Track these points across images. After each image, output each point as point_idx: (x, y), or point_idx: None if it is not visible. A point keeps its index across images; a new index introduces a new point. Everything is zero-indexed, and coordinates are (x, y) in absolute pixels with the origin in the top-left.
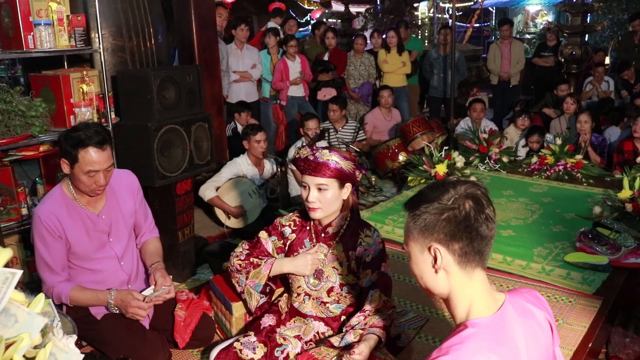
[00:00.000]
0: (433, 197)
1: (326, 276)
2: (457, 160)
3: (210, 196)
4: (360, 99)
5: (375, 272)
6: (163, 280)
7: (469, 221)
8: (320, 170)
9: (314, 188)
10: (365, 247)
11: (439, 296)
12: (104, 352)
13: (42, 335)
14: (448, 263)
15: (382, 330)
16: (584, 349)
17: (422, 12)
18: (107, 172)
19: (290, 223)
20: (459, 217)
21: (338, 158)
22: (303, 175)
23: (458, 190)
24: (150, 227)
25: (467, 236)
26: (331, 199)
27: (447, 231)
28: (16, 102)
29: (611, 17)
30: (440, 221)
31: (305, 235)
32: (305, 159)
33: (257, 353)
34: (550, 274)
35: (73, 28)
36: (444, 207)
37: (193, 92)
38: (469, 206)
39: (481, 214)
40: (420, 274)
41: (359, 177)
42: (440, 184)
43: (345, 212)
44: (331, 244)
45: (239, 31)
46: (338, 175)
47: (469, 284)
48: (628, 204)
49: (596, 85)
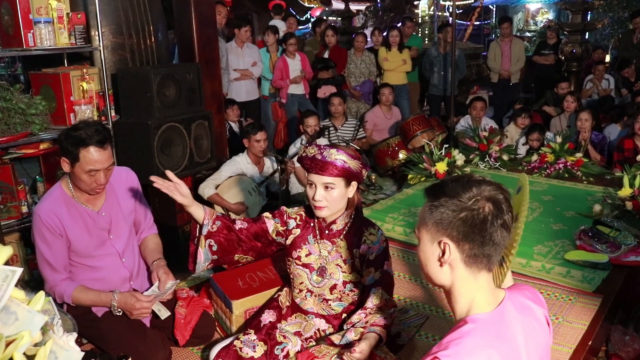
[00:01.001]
0: (455, 192)
1: (329, 273)
2: (457, 159)
3: (209, 194)
4: (361, 96)
5: (379, 270)
6: (167, 276)
7: (484, 225)
8: (328, 169)
9: (321, 187)
10: (369, 245)
11: (440, 287)
12: (104, 350)
13: (42, 333)
14: (455, 260)
15: (383, 329)
16: (584, 347)
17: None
18: (108, 171)
19: (296, 217)
20: (475, 219)
21: (345, 157)
22: (309, 173)
23: (481, 190)
24: (149, 224)
25: (479, 239)
26: (337, 197)
27: (460, 230)
28: (16, 100)
29: (611, 15)
30: (457, 219)
31: (309, 232)
32: (313, 158)
33: (257, 351)
34: (550, 272)
35: (73, 26)
36: (463, 205)
37: (193, 90)
38: (488, 209)
39: (498, 219)
40: (425, 262)
41: (365, 175)
42: (465, 180)
43: (350, 209)
44: (335, 241)
45: (242, 32)
46: (345, 174)
47: (472, 282)
48: (628, 202)
49: (596, 83)
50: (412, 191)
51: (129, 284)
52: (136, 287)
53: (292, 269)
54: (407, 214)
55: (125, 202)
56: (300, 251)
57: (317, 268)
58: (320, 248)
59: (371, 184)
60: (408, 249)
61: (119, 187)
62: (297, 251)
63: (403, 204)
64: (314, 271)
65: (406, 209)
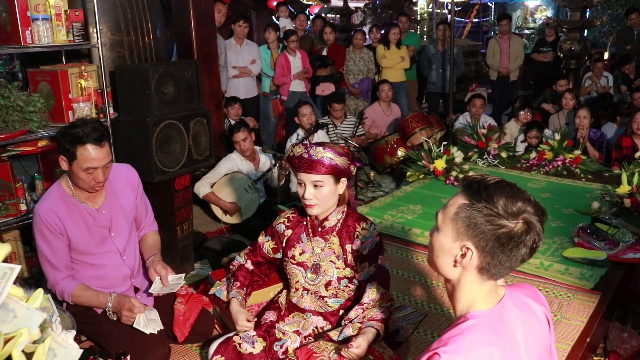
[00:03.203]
0: (497, 201)
1: (324, 270)
2: (455, 156)
3: (204, 192)
4: (359, 94)
5: (373, 265)
6: (166, 271)
7: (515, 247)
8: (315, 167)
9: (310, 185)
10: (362, 240)
11: (442, 276)
12: (103, 347)
13: (41, 330)
14: (471, 265)
15: (380, 324)
16: (582, 344)
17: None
18: (106, 169)
19: (284, 220)
20: (509, 239)
21: (332, 154)
22: (298, 172)
23: (525, 210)
24: (150, 221)
25: (504, 257)
26: (327, 195)
27: (490, 244)
28: (14, 98)
29: (610, 12)
30: (490, 231)
31: (302, 230)
32: (300, 157)
33: (256, 347)
34: (548, 269)
35: (71, 23)
36: (502, 222)
37: (192, 88)
38: (524, 232)
39: (529, 243)
40: (438, 253)
41: (353, 171)
42: (513, 192)
43: (341, 206)
44: (328, 237)
45: (237, 27)
46: (333, 171)
47: (479, 285)
48: (626, 199)
49: (595, 80)
50: (411, 188)
51: (130, 281)
52: (137, 284)
53: (287, 269)
54: (405, 211)
55: (125, 200)
56: (294, 250)
57: (311, 265)
58: (313, 245)
59: (370, 181)
60: (407, 246)
61: (119, 184)
62: (292, 250)
63: (402, 202)
64: (308, 269)
65: (405, 206)
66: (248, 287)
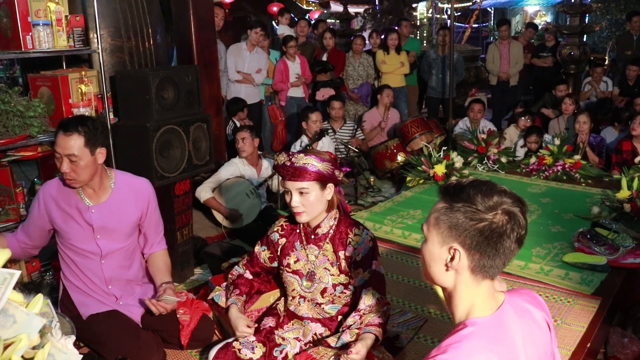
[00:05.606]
0: (474, 199)
1: (318, 277)
2: (455, 161)
3: (206, 197)
4: (359, 99)
5: (367, 270)
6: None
7: (499, 238)
8: (299, 174)
9: (296, 193)
10: (354, 246)
11: (439, 286)
12: (98, 353)
13: (40, 335)
14: (462, 267)
15: (378, 329)
16: (583, 349)
17: (421, 13)
18: (73, 164)
19: (277, 228)
20: (492, 232)
21: (315, 161)
22: (284, 181)
23: (502, 202)
24: (158, 239)
25: (491, 251)
26: (314, 201)
27: (475, 240)
28: (14, 103)
29: (609, 17)
30: (473, 228)
31: (295, 238)
32: (283, 166)
33: (255, 353)
34: (548, 274)
35: (71, 28)
36: (482, 216)
37: (192, 93)
38: (506, 223)
39: (514, 233)
40: (430, 263)
41: (339, 176)
42: (486, 188)
43: (332, 211)
44: (321, 245)
45: (253, 33)
46: (317, 177)
47: (474, 288)
48: (626, 204)
49: (595, 85)
50: (411, 193)
51: (106, 287)
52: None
53: (283, 277)
54: (405, 217)
55: (128, 210)
56: (289, 258)
57: (306, 273)
58: (307, 253)
59: (370, 187)
60: (406, 252)
61: (126, 194)
62: (286, 259)
63: (402, 207)
64: (303, 277)
65: (405, 211)
66: (248, 295)
